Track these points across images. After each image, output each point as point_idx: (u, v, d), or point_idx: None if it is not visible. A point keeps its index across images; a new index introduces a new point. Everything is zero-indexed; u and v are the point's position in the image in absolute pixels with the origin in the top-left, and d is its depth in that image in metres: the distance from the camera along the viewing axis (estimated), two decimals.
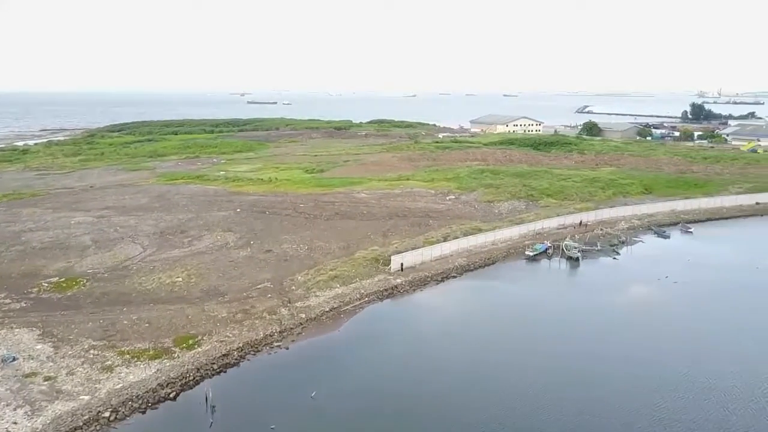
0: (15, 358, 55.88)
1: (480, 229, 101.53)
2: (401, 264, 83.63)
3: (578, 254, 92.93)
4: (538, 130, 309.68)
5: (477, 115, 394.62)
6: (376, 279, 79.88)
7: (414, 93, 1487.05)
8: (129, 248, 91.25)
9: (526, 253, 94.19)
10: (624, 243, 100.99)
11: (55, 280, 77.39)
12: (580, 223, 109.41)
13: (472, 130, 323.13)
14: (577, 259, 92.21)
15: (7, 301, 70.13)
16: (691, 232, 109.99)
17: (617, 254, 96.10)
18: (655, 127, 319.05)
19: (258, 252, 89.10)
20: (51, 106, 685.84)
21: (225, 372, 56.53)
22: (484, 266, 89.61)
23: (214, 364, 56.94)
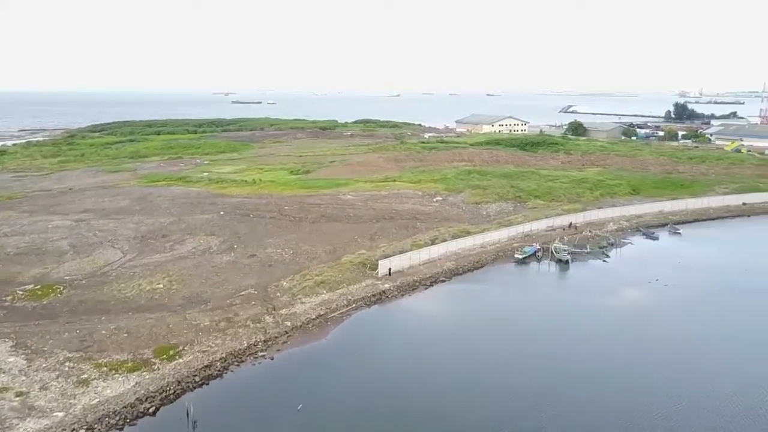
0: None
1: (468, 232, 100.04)
2: (389, 268, 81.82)
3: (568, 257, 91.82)
4: (524, 129, 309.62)
5: (461, 114, 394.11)
6: (364, 284, 77.97)
7: (398, 92, 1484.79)
8: (108, 253, 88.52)
9: (516, 255, 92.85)
10: (613, 245, 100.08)
11: (31, 287, 74.52)
12: (570, 225, 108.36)
13: (458, 130, 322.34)
14: (567, 261, 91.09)
15: None
16: (679, 234, 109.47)
17: (607, 256, 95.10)
18: (639, 127, 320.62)
19: (242, 257, 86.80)
20: (31, 106, 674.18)
21: (207, 384, 54.27)
22: (473, 270, 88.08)
23: (195, 376, 54.67)
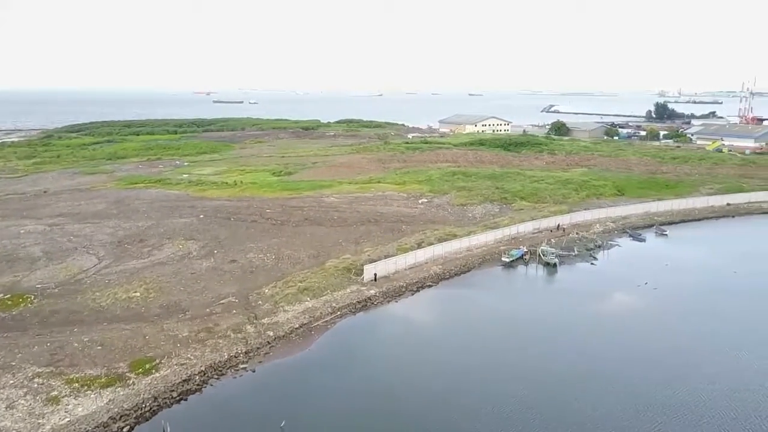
0: None
1: (454, 235, 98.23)
2: (375, 273, 79.67)
3: (555, 260, 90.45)
4: (507, 130, 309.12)
5: (444, 114, 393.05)
6: (349, 290, 75.71)
7: (380, 92, 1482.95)
8: (83, 260, 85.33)
9: (503, 259, 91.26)
10: (600, 247, 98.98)
11: (0, 297, 71.21)
12: (557, 227, 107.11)
13: (441, 130, 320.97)
14: (555, 264, 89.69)
15: None
16: (666, 235, 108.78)
17: (594, 259, 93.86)
18: (621, 127, 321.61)
19: (222, 262, 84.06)
20: (4, 106, 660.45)
21: (185, 400, 51.68)
22: (459, 274, 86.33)
23: (173, 391, 52.07)
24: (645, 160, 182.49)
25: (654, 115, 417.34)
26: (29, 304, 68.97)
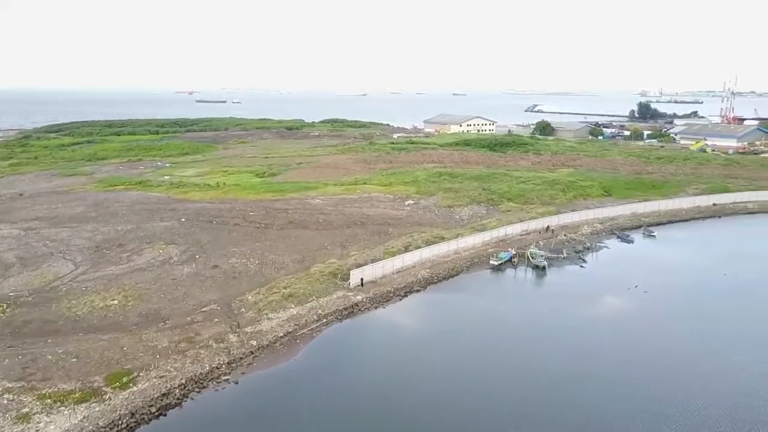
0: None
1: (442, 237, 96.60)
2: (361, 278, 77.75)
3: (544, 262, 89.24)
4: (492, 129, 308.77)
5: (429, 114, 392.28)
6: (335, 296, 73.72)
7: (364, 92, 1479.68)
8: (59, 265, 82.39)
9: (491, 262, 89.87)
10: (589, 249, 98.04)
11: None
12: (546, 228, 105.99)
13: (426, 130, 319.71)
14: (544, 267, 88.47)
15: None
16: (653, 236, 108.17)
17: (584, 261, 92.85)
18: (605, 126, 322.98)
19: (204, 268, 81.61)
20: None
21: (164, 415, 49.43)
22: (448, 278, 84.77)
23: (151, 406, 49.75)
24: (630, 160, 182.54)
25: (637, 115, 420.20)
26: (0, 314, 66.07)
